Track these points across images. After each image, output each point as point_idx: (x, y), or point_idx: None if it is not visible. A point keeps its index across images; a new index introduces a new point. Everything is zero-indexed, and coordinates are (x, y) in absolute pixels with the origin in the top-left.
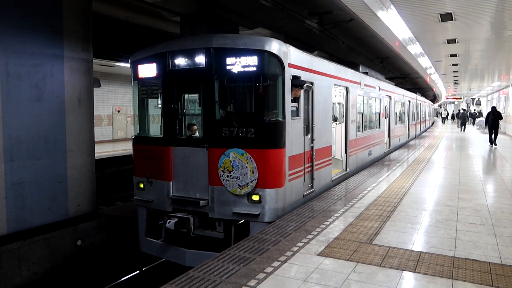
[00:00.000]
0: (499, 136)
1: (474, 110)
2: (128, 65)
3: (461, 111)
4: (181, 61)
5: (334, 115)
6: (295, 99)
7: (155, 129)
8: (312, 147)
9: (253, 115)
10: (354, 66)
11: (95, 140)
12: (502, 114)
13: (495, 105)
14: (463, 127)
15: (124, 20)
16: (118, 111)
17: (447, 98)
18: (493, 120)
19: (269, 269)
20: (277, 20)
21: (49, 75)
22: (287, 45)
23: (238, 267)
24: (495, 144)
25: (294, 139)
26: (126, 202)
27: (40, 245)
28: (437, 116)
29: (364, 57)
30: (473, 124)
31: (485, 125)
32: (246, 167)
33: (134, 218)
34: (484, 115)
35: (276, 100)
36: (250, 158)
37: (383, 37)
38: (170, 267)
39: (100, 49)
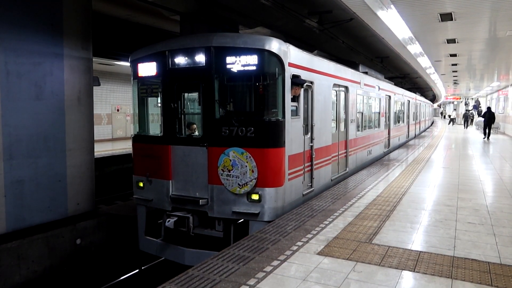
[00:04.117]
0: (498, 136)
1: (475, 105)
2: (128, 63)
3: (465, 111)
4: (181, 60)
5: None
6: (295, 98)
7: (154, 128)
8: (311, 146)
9: (253, 114)
10: (353, 65)
11: (95, 138)
12: (499, 115)
13: (490, 106)
14: (466, 124)
15: (124, 19)
16: (118, 110)
17: (446, 98)
18: (488, 119)
19: (268, 268)
20: (277, 19)
21: (48, 73)
22: (287, 44)
23: (238, 266)
24: (488, 138)
25: (293, 138)
26: (126, 201)
27: (39, 244)
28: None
29: (364, 57)
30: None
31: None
32: (246, 166)
33: (134, 217)
34: (483, 107)
35: (276, 99)
36: (250, 157)
37: (383, 37)
38: (170, 266)
39: (100, 47)
